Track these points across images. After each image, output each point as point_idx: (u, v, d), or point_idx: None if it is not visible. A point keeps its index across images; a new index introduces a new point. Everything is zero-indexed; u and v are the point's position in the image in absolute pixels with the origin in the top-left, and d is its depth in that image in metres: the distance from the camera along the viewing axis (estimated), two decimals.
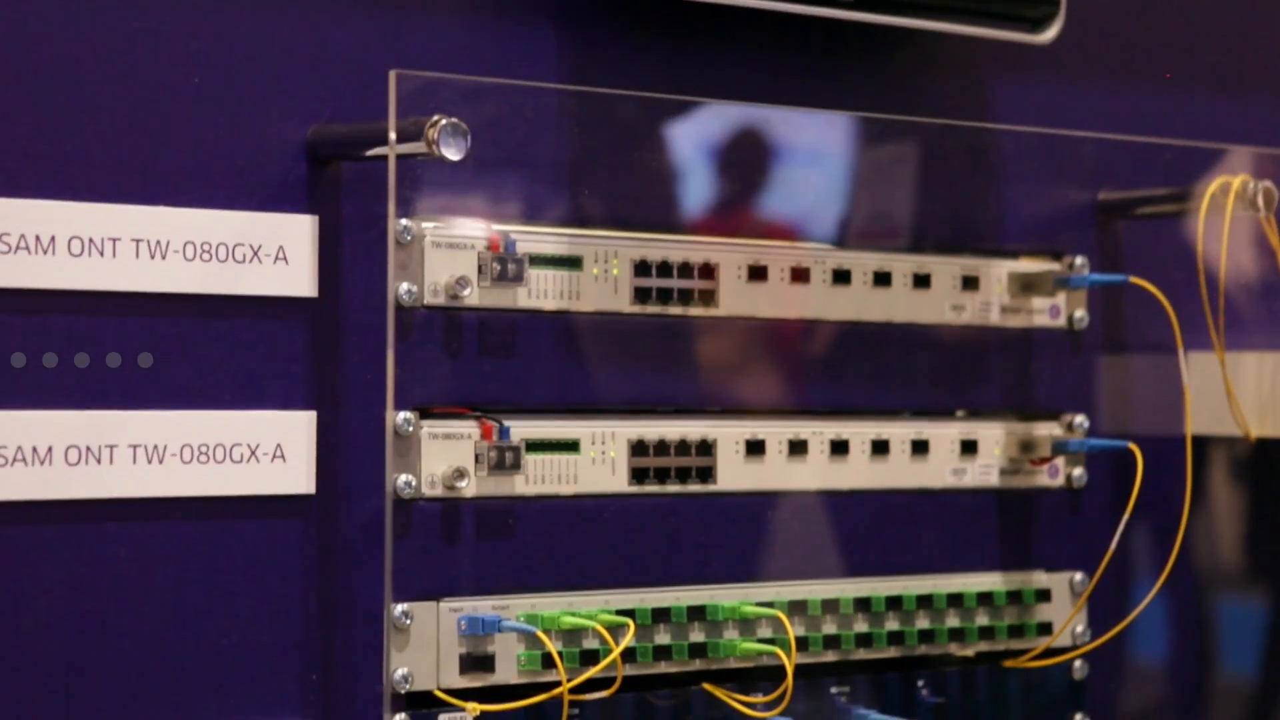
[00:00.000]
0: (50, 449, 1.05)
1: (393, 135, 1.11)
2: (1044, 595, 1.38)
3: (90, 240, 1.08)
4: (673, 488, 1.25)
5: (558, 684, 1.17)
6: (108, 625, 1.08)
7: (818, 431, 1.31)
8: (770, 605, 1.26)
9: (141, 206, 1.09)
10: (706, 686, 1.25)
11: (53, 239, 1.06)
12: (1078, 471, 1.41)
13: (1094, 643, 1.39)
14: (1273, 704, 1.52)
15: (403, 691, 1.15)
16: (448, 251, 1.17)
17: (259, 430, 1.11)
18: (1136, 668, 1.46)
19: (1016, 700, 1.38)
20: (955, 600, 1.34)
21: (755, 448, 1.28)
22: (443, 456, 1.17)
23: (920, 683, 1.34)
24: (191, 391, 1.10)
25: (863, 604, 1.30)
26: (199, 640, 1.10)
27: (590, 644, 1.20)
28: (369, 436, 1.15)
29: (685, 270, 1.25)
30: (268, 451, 1.12)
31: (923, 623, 1.33)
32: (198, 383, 1.10)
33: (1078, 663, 1.40)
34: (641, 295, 1.24)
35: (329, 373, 1.14)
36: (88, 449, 1.07)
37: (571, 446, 1.22)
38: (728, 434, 1.27)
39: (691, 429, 1.26)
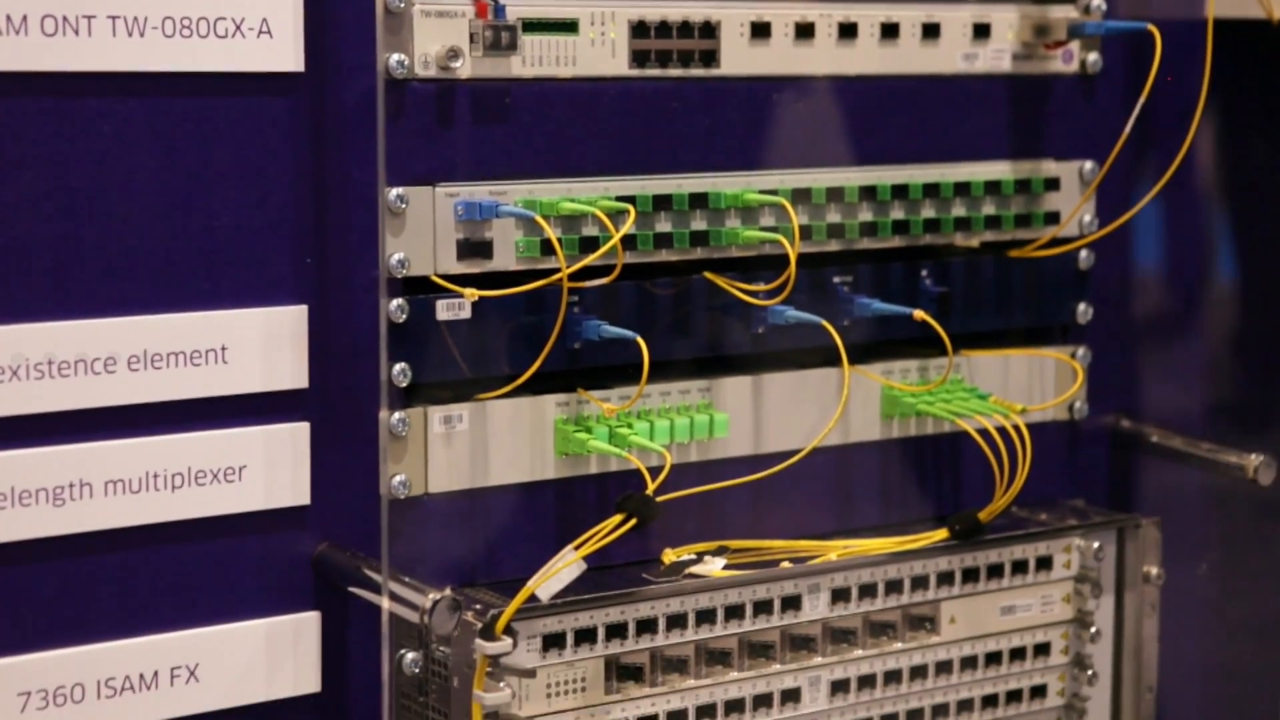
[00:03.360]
0: (25, 17, 1.02)
1: None
2: (1052, 184, 1.36)
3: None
4: (675, 71, 1.22)
5: (557, 271, 1.16)
6: (96, 206, 1.05)
7: (825, 14, 1.26)
8: (774, 193, 1.24)
9: None
10: (708, 275, 1.24)
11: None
12: (1093, 56, 1.37)
13: (1101, 232, 1.38)
14: (1272, 307, 1.51)
15: (399, 276, 1.13)
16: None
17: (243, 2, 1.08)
18: (1140, 262, 1.44)
19: (1020, 290, 1.36)
20: (962, 189, 1.32)
21: (761, 30, 1.24)
22: (436, 35, 1.13)
23: (924, 272, 1.32)
24: None
25: (868, 192, 1.28)
26: (189, 222, 1.08)
27: (590, 231, 1.18)
28: (359, 11, 1.11)
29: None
30: (253, 26, 1.08)
31: (928, 212, 1.31)
32: None
33: (1083, 253, 1.39)
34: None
35: None
36: (64, 18, 1.03)
37: (570, 27, 1.18)
38: (732, 15, 1.23)
39: (694, 10, 1.22)
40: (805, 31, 1.26)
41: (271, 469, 1.11)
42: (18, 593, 1.05)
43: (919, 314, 1.26)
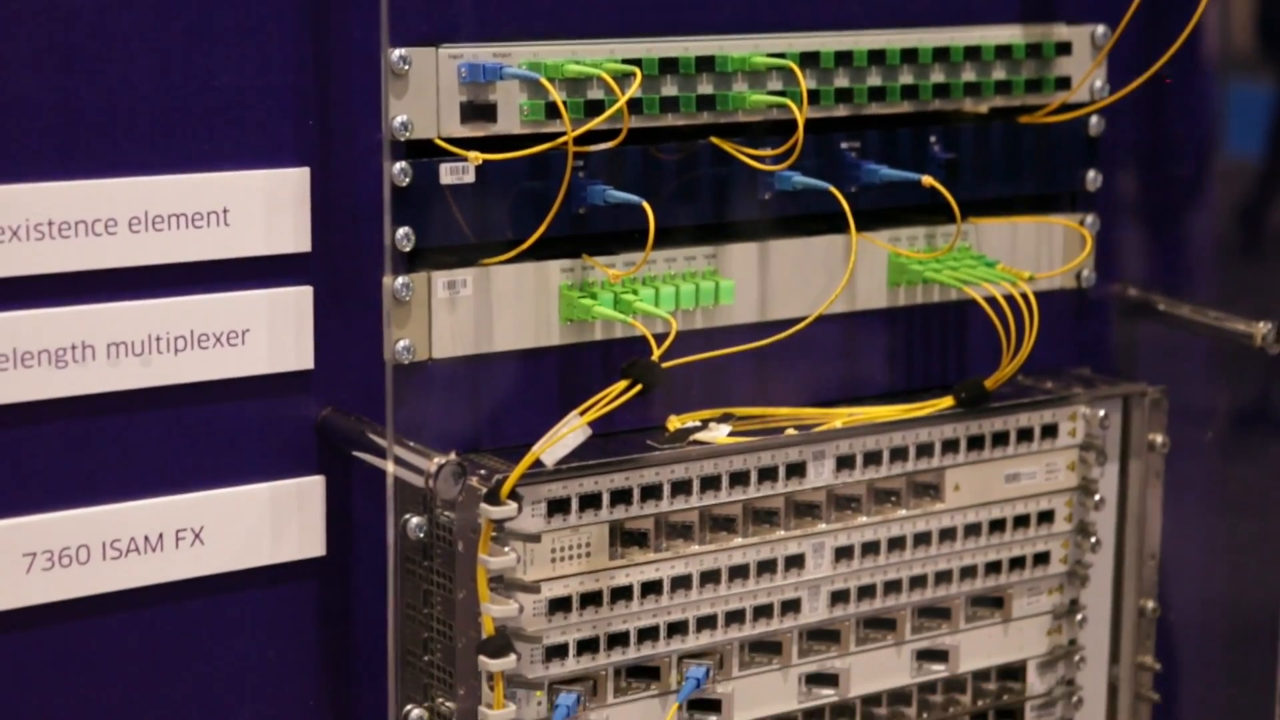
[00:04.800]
0: None
1: None
2: (1064, 49, 1.34)
3: None
4: None
5: (561, 134, 1.15)
6: (96, 65, 1.04)
7: None
8: (782, 56, 1.22)
9: None
10: (714, 140, 1.22)
11: None
12: None
13: (1112, 97, 1.36)
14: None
15: (402, 139, 1.12)
16: None
17: None
18: (1151, 129, 1.43)
19: (1029, 156, 1.35)
20: (972, 53, 1.30)
21: None
22: None
23: (932, 138, 1.31)
24: None
25: (877, 56, 1.27)
26: (190, 82, 1.07)
27: (595, 94, 1.17)
28: None
29: None
30: None
31: (938, 76, 1.29)
32: None
33: (1094, 119, 1.37)
34: None
35: None
36: None
37: None
38: None
39: None
40: None
41: (274, 333, 1.10)
42: (21, 454, 1.05)
43: (927, 180, 1.25)
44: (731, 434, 1.22)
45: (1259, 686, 1.49)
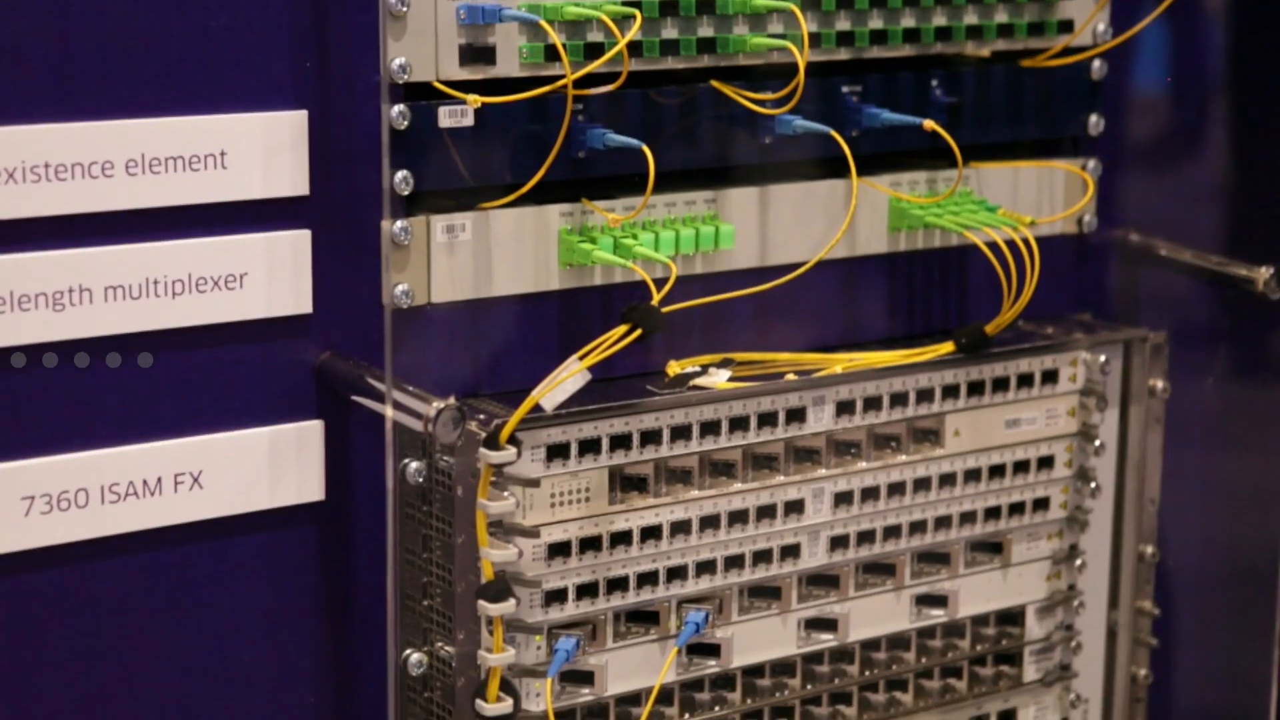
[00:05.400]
0: None
1: None
2: None
3: None
4: None
5: (561, 77, 1.14)
6: (93, 5, 1.04)
7: None
8: None
9: None
10: (714, 84, 1.22)
11: None
12: None
13: (1114, 41, 1.35)
14: None
15: (400, 82, 1.11)
16: None
17: None
18: (1154, 74, 1.42)
19: (1032, 100, 1.35)
20: None
21: None
22: None
23: (934, 82, 1.31)
24: None
25: None
26: (187, 24, 1.06)
27: (595, 37, 1.16)
28: None
29: None
30: None
31: (939, 19, 1.29)
32: None
33: (1096, 63, 1.37)
34: None
35: None
36: None
37: None
38: None
39: None
40: None
41: (273, 277, 1.10)
42: (19, 396, 1.05)
43: (929, 124, 1.25)
44: (731, 379, 1.21)
45: (1258, 631, 1.50)
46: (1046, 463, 1.33)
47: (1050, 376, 1.32)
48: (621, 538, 1.17)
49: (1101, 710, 1.41)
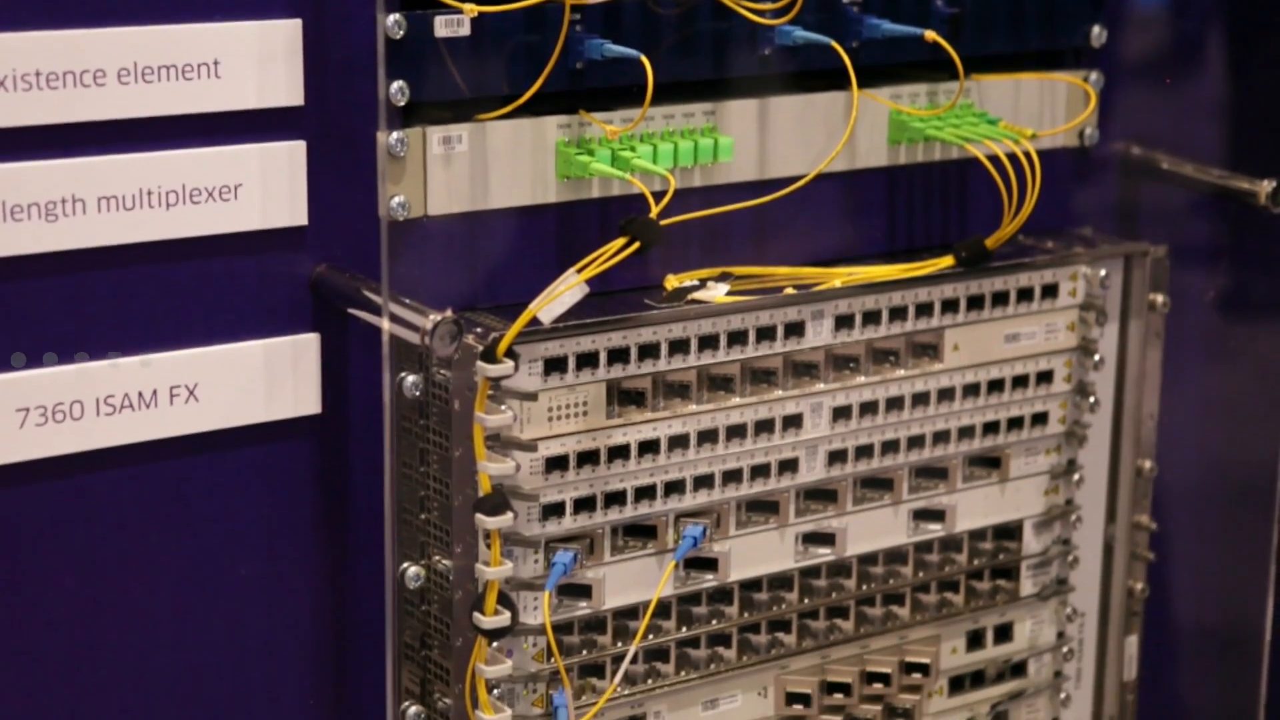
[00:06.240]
0: None
1: None
2: None
3: None
4: None
5: None
6: None
7: None
8: None
9: None
10: None
11: None
12: None
13: None
14: None
15: None
16: None
17: None
18: None
19: (1034, 11, 1.33)
20: None
21: None
22: None
23: None
24: None
25: None
26: None
27: None
28: None
29: None
30: None
31: None
32: None
33: None
34: None
35: None
36: None
37: None
38: None
39: None
40: None
41: (268, 188, 1.09)
42: (13, 309, 1.04)
43: (930, 35, 1.23)
44: (730, 293, 1.21)
45: (1254, 546, 1.50)
46: (1045, 377, 1.33)
47: (1050, 291, 1.32)
48: (619, 452, 1.17)
49: (1097, 624, 1.41)
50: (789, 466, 1.23)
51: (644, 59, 1.13)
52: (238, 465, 1.12)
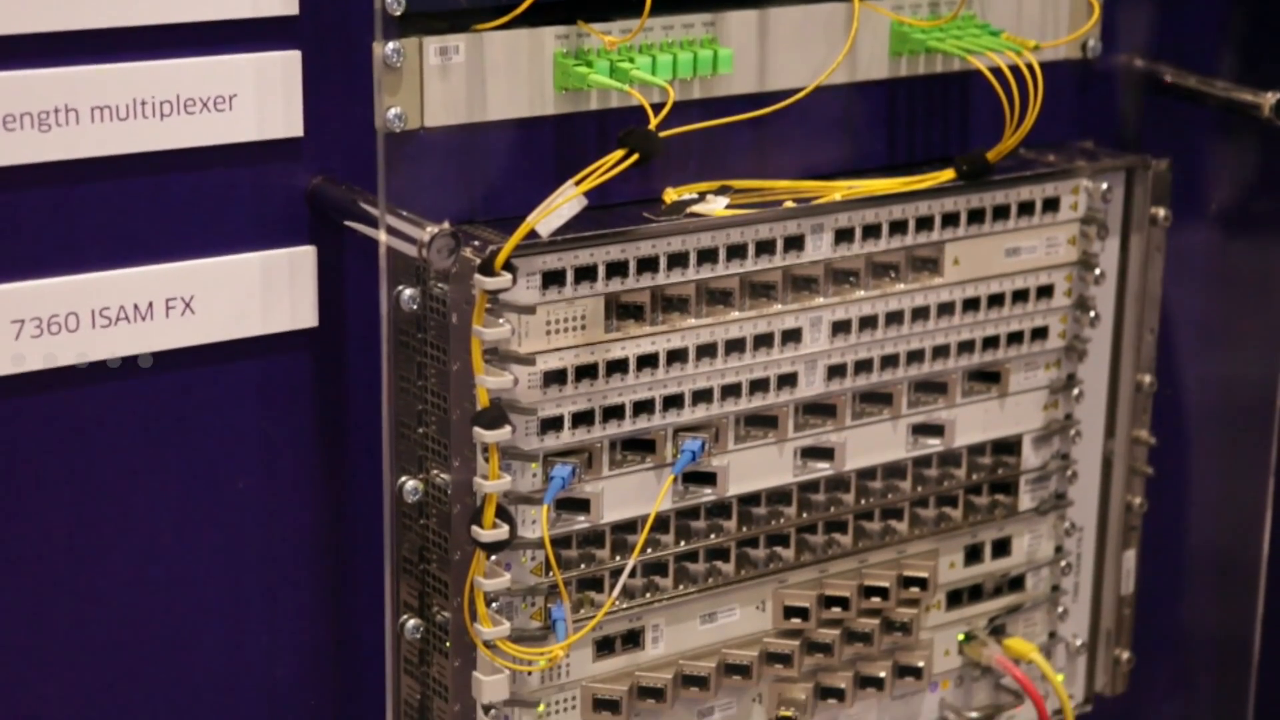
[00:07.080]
0: None
1: None
2: None
3: None
4: None
5: None
6: None
7: None
8: None
9: None
10: None
11: None
12: None
13: None
14: None
15: None
16: None
17: None
18: None
19: None
20: None
21: None
22: None
23: None
24: None
25: None
26: None
27: None
28: None
29: None
30: None
31: None
32: None
33: None
34: None
35: None
36: None
37: None
38: None
39: None
40: None
41: (262, 98, 1.08)
42: (7, 220, 1.03)
43: None
44: (729, 206, 1.20)
45: (1254, 460, 1.50)
46: (1046, 292, 1.32)
47: (1051, 204, 1.31)
48: (618, 365, 1.16)
49: (1095, 538, 1.41)
50: (788, 381, 1.23)
51: None
52: (234, 378, 1.11)
